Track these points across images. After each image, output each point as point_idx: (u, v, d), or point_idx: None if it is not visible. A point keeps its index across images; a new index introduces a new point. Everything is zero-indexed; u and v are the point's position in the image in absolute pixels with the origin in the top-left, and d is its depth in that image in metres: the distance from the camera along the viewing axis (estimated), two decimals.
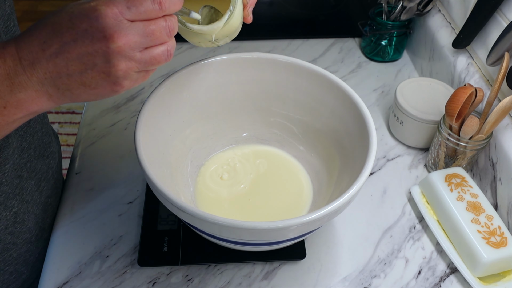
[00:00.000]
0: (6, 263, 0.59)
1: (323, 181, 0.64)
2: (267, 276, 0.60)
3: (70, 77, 0.38)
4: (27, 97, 0.39)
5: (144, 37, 0.39)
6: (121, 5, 0.37)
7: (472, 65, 0.74)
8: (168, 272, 0.60)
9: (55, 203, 0.68)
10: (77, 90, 0.39)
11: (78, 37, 0.37)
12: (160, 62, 0.41)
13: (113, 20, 0.37)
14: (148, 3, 0.38)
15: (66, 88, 0.39)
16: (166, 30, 0.40)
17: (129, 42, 0.38)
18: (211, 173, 0.66)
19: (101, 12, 0.37)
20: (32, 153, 0.59)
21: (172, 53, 0.42)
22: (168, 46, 0.42)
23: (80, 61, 0.38)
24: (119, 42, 0.37)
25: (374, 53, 0.91)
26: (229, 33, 0.52)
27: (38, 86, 0.39)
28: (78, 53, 0.37)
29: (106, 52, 0.37)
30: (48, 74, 0.38)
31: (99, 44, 0.37)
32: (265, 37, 0.96)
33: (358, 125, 0.57)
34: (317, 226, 0.50)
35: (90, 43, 0.37)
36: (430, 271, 0.61)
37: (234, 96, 0.66)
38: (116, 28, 0.37)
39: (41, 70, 0.38)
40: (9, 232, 0.57)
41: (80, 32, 0.37)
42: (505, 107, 0.60)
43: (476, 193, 0.63)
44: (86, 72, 0.38)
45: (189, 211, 0.46)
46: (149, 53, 0.40)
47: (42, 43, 0.37)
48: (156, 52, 0.41)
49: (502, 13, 0.68)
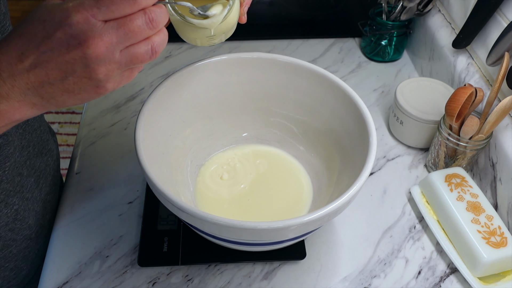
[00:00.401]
0: (6, 259, 0.59)
1: (323, 181, 0.64)
2: (267, 276, 0.60)
3: (52, 85, 0.38)
4: (9, 108, 0.38)
5: (120, 36, 0.37)
6: (91, 6, 0.36)
7: (472, 65, 0.74)
8: (168, 272, 0.60)
9: (54, 200, 0.68)
10: (61, 97, 0.39)
11: (54, 46, 0.36)
12: (143, 60, 0.40)
13: (85, 25, 0.36)
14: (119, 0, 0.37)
15: (50, 96, 0.39)
16: (147, 23, 0.38)
17: (106, 44, 0.37)
18: (211, 173, 0.66)
19: (72, 18, 0.36)
20: (31, 150, 0.59)
21: (158, 49, 0.40)
22: (152, 42, 0.40)
23: (59, 69, 0.37)
24: (95, 47, 0.36)
25: (374, 53, 0.91)
26: (226, 29, 0.51)
27: (20, 97, 0.38)
28: (57, 61, 0.37)
29: (83, 58, 0.37)
30: (30, 85, 0.37)
31: (75, 51, 0.36)
32: (265, 37, 0.96)
33: (358, 125, 0.57)
34: (317, 226, 0.50)
35: (67, 51, 0.36)
36: (430, 271, 0.61)
37: (234, 96, 0.66)
38: (90, 33, 0.36)
39: (22, 81, 0.37)
40: (10, 229, 0.57)
41: (56, 41, 0.36)
42: (505, 107, 0.60)
43: (476, 193, 0.63)
44: (67, 79, 0.38)
45: (189, 211, 0.46)
46: (129, 52, 0.39)
47: (20, 55, 0.37)
48: (137, 51, 0.39)
49: (502, 13, 0.68)
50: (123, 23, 0.37)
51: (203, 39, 0.51)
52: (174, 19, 0.47)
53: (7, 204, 0.55)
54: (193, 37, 0.51)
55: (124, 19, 0.37)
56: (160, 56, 0.91)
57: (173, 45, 0.93)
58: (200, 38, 0.51)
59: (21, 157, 0.57)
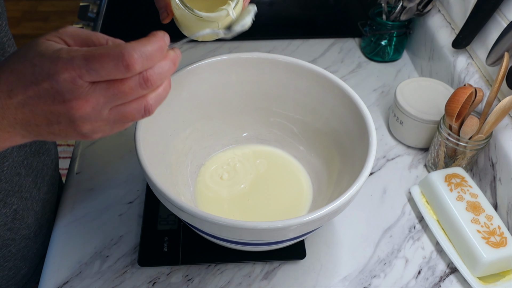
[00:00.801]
0: (5, 258, 0.59)
1: (323, 181, 0.64)
2: (267, 276, 0.60)
3: (39, 127, 0.37)
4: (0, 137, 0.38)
5: (108, 97, 0.36)
6: (80, 67, 0.34)
7: (471, 65, 0.74)
8: (168, 272, 0.60)
9: (53, 199, 0.68)
10: (47, 136, 0.38)
11: (41, 95, 0.35)
12: (134, 119, 0.38)
13: (71, 85, 0.34)
14: (110, 66, 0.34)
15: (37, 134, 0.38)
16: (141, 84, 0.36)
17: (91, 105, 0.35)
18: (211, 173, 0.66)
19: (59, 75, 0.34)
20: (28, 150, 0.59)
21: (152, 108, 0.38)
22: (146, 101, 0.38)
23: (45, 116, 0.36)
24: (79, 108, 0.35)
25: (374, 53, 0.91)
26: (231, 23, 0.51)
27: (10, 129, 0.37)
28: (42, 109, 0.36)
29: (67, 115, 0.36)
30: (18, 120, 0.37)
31: (59, 106, 0.35)
32: (265, 37, 0.96)
33: (358, 125, 0.58)
34: (317, 226, 0.50)
35: (52, 104, 0.35)
36: (430, 271, 0.61)
37: (234, 96, 0.66)
38: (75, 94, 0.35)
39: (11, 116, 0.37)
40: (8, 228, 0.57)
41: (42, 90, 0.35)
42: (504, 107, 0.60)
43: (476, 193, 0.63)
44: (52, 126, 0.37)
45: (189, 211, 0.47)
46: (119, 111, 0.37)
47: (9, 91, 0.36)
48: (127, 110, 0.37)
49: (501, 13, 0.68)
50: (112, 84, 0.36)
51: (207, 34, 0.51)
52: (181, 13, 0.47)
53: (6, 204, 0.55)
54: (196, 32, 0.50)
55: (114, 82, 0.35)
56: None
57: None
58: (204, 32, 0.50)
59: (19, 157, 0.57)
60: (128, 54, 0.34)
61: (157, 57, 0.37)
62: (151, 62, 0.36)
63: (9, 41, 0.55)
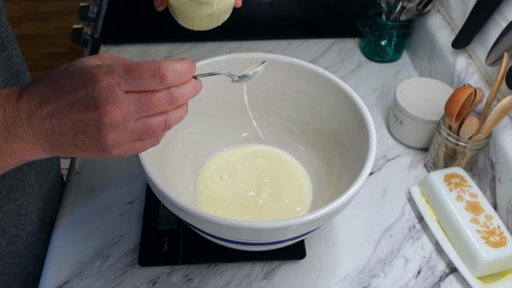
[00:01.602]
0: (11, 255, 0.59)
1: (323, 181, 0.64)
2: (267, 276, 0.60)
3: (63, 137, 0.39)
4: (22, 148, 0.40)
5: (139, 107, 0.39)
6: (119, 76, 0.37)
7: (471, 65, 0.74)
8: (168, 271, 0.60)
9: (55, 195, 0.68)
10: (68, 149, 0.40)
11: (74, 103, 0.38)
12: (155, 131, 0.41)
13: (107, 91, 0.37)
14: (147, 76, 0.38)
15: (58, 146, 0.40)
16: (168, 100, 0.40)
17: (122, 113, 0.38)
18: (211, 173, 0.67)
19: (98, 82, 0.37)
20: None
21: (172, 124, 0.41)
22: (167, 116, 0.41)
23: (73, 125, 0.38)
24: (111, 114, 0.38)
25: (374, 53, 0.91)
26: (226, 7, 0.51)
27: (33, 139, 0.39)
28: (72, 117, 0.38)
29: (97, 122, 0.38)
30: (43, 130, 0.39)
31: (91, 113, 0.38)
32: (265, 37, 0.97)
33: (357, 125, 0.58)
34: (317, 226, 0.51)
35: (84, 111, 0.38)
36: (430, 271, 0.61)
37: (234, 96, 0.66)
38: (110, 100, 0.37)
39: (37, 125, 0.39)
40: (14, 225, 0.57)
41: (77, 98, 0.37)
42: (504, 107, 0.60)
43: (476, 193, 0.63)
44: (77, 135, 0.39)
45: (189, 211, 0.47)
46: (143, 122, 0.40)
47: (42, 100, 0.38)
48: (151, 122, 0.40)
49: (501, 14, 0.68)
50: (144, 96, 0.38)
51: (203, 18, 0.50)
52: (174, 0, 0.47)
53: (10, 200, 0.56)
54: (192, 17, 0.50)
55: (146, 93, 0.39)
56: (161, 56, 0.91)
57: (173, 45, 0.93)
58: (199, 17, 0.50)
59: None
60: (163, 66, 0.38)
61: (185, 76, 0.40)
62: (180, 79, 0.39)
63: (9, 36, 0.55)
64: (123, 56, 0.94)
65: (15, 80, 0.56)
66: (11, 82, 0.55)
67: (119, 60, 0.41)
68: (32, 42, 2.30)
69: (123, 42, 0.93)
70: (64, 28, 2.38)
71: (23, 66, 0.59)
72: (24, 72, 0.59)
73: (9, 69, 0.55)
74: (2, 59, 0.54)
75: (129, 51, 0.92)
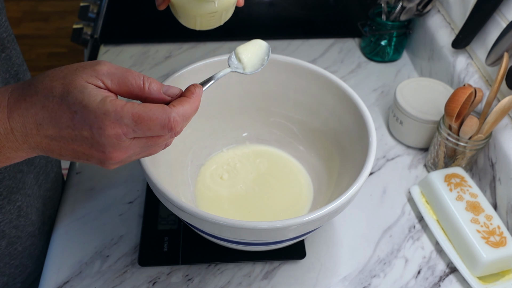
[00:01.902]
0: (11, 256, 0.59)
1: (323, 181, 0.64)
2: (267, 276, 0.60)
3: (62, 156, 0.39)
4: (17, 156, 0.39)
5: (144, 147, 0.39)
6: (128, 127, 0.37)
7: (471, 65, 0.74)
8: (168, 271, 0.60)
9: (55, 196, 0.68)
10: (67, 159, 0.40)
11: (77, 139, 0.37)
12: (155, 153, 0.42)
13: (114, 140, 0.37)
14: (156, 128, 0.38)
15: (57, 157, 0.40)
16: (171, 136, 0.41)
17: (127, 154, 0.39)
18: (211, 173, 0.67)
19: (105, 131, 0.36)
20: None
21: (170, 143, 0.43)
22: (169, 141, 0.42)
23: (74, 153, 0.38)
24: (117, 158, 0.38)
25: (374, 53, 0.91)
26: (228, 6, 0.51)
27: (29, 150, 0.39)
28: (74, 148, 0.38)
29: (102, 159, 0.38)
30: (41, 147, 0.38)
31: (96, 153, 0.38)
32: (265, 37, 0.96)
33: (357, 125, 0.58)
34: (317, 226, 0.51)
35: (88, 149, 0.38)
36: (430, 271, 0.61)
37: (234, 96, 0.66)
38: (117, 147, 0.37)
39: (34, 143, 0.38)
40: (14, 226, 0.57)
41: (80, 136, 0.37)
42: (504, 107, 0.60)
43: (476, 193, 0.63)
44: (78, 159, 0.39)
45: (190, 211, 0.47)
46: (145, 152, 0.41)
47: (38, 125, 0.37)
48: (153, 149, 0.41)
49: (501, 14, 0.68)
50: (151, 139, 0.39)
51: (205, 17, 0.50)
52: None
53: (10, 201, 0.55)
54: (194, 15, 0.49)
55: (153, 137, 0.39)
56: (161, 56, 0.91)
57: (173, 46, 0.93)
58: (201, 15, 0.49)
59: None
60: (173, 119, 0.38)
61: (192, 115, 0.41)
62: (188, 120, 0.40)
63: (9, 37, 0.55)
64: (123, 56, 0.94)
65: (15, 80, 0.56)
66: (11, 83, 0.55)
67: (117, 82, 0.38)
68: (32, 42, 2.30)
69: (123, 42, 0.93)
70: (64, 28, 2.38)
71: (23, 67, 0.59)
72: (24, 73, 0.59)
73: (9, 69, 0.55)
74: (2, 59, 0.53)
75: (129, 51, 0.92)
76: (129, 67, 0.89)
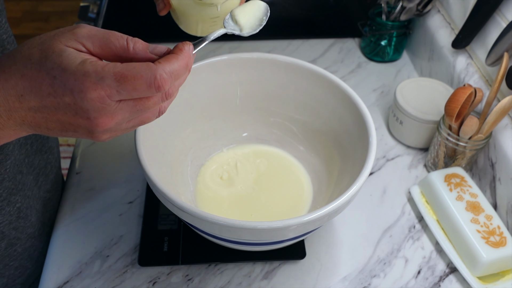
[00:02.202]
0: (11, 258, 0.59)
1: (323, 181, 0.64)
2: (267, 276, 0.60)
3: (50, 131, 0.37)
4: (5, 135, 0.37)
5: (133, 112, 0.36)
6: (111, 88, 0.34)
7: (471, 65, 0.74)
8: (168, 271, 0.60)
9: (55, 197, 0.68)
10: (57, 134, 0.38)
11: (60, 107, 0.35)
12: (148, 121, 0.39)
13: (98, 104, 0.34)
14: (142, 88, 0.35)
15: (45, 133, 0.38)
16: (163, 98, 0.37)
17: (116, 121, 0.36)
18: (211, 173, 0.67)
19: (86, 94, 0.34)
20: (29, 148, 0.59)
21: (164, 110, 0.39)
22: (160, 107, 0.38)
23: (61, 124, 0.36)
24: (104, 124, 0.35)
25: (374, 53, 0.91)
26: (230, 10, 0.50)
27: (16, 127, 0.37)
28: (59, 119, 0.35)
29: (89, 128, 0.36)
30: (27, 122, 0.36)
31: (82, 120, 0.35)
32: (265, 37, 0.97)
33: (357, 125, 0.58)
34: (317, 226, 0.51)
35: (73, 117, 0.35)
36: (430, 271, 0.61)
37: (234, 96, 0.66)
38: (102, 112, 0.35)
39: (19, 118, 0.36)
40: (13, 227, 0.57)
41: (63, 104, 0.34)
42: (504, 107, 0.60)
43: (476, 193, 0.63)
44: (67, 132, 0.37)
45: (190, 211, 0.47)
46: (136, 120, 0.38)
47: (19, 96, 0.35)
48: (144, 116, 0.38)
49: (501, 14, 0.68)
50: (139, 102, 0.36)
51: (206, 22, 0.49)
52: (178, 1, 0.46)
53: (10, 202, 0.55)
54: (196, 20, 0.48)
55: (141, 99, 0.36)
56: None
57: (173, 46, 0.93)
58: (203, 20, 0.49)
59: (20, 155, 0.57)
60: (160, 76, 0.35)
61: (182, 73, 0.37)
62: (177, 79, 0.37)
63: (9, 38, 0.55)
64: None
65: None
66: None
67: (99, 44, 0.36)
68: None
69: None
70: None
71: None
72: None
73: None
74: None
75: None
76: None
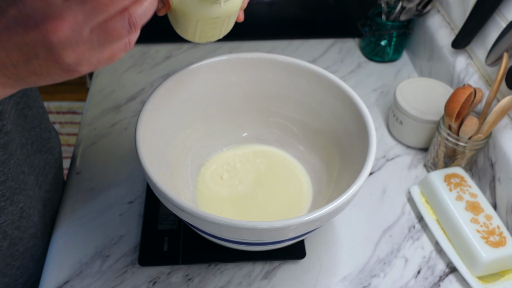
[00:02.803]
0: (13, 257, 0.59)
1: (323, 181, 0.64)
2: (267, 276, 0.60)
3: (17, 67, 0.33)
4: None
5: (88, 12, 0.31)
6: None
7: (471, 66, 0.74)
8: (168, 271, 0.60)
9: (55, 197, 0.68)
10: (29, 79, 0.34)
11: (10, 25, 0.31)
12: (120, 36, 0.33)
13: (40, 3, 0.30)
14: None
15: (17, 78, 0.34)
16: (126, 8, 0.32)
17: (69, 25, 0.31)
18: (211, 173, 0.67)
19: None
20: (30, 148, 0.59)
21: (138, 21, 0.33)
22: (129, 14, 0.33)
23: (20, 51, 0.32)
24: (56, 29, 0.31)
25: (374, 53, 0.92)
26: (231, 13, 0.49)
27: None
28: (15, 42, 0.32)
29: (44, 42, 0.31)
30: None
31: (33, 33, 0.31)
32: (265, 37, 0.97)
33: (357, 125, 0.58)
34: (317, 225, 0.51)
35: (24, 32, 0.31)
36: (430, 271, 0.61)
37: (234, 96, 0.66)
38: (48, 13, 0.30)
39: None
40: (16, 227, 0.57)
41: (10, 19, 0.31)
42: (504, 107, 0.60)
43: (475, 193, 0.63)
44: (31, 62, 0.32)
45: (190, 211, 0.47)
46: (102, 29, 0.32)
47: None
48: (110, 26, 0.33)
49: (501, 14, 0.68)
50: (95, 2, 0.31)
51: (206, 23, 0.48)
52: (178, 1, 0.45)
53: (13, 202, 0.55)
54: (196, 20, 0.47)
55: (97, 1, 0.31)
56: (161, 57, 0.91)
57: (173, 46, 0.93)
58: (203, 21, 0.47)
59: (22, 155, 0.57)
60: None
61: None
62: None
63: None
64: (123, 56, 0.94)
65: None
66: None
67: None
68: None
69: None
70: None
71: None
72: None
73: None
74: None
75: (129, 51, 0.92)
76: (129, 67, 0.89)
